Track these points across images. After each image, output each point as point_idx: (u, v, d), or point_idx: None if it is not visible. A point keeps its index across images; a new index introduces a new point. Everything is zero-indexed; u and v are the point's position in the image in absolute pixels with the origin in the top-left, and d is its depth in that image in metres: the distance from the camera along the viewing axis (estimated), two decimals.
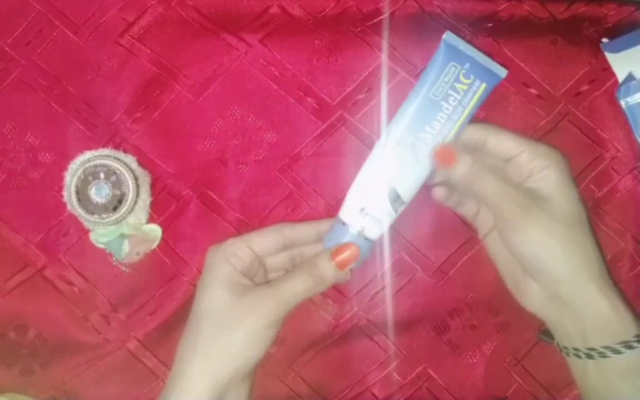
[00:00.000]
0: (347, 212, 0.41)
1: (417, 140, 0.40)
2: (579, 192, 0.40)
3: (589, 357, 0.38)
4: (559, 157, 0.40)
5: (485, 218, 0.44)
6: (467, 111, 0.41)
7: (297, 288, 0.39)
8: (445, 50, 0.40)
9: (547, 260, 0.39)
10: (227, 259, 0.40)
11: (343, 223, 0.41)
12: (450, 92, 0.40)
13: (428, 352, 0.48)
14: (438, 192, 0.43)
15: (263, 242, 0.41)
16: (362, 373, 0.48)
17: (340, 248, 0.40)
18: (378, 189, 0.41)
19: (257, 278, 0.42)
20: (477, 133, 0.41)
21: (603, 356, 0.38)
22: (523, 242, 0.39)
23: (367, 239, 0.41)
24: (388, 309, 0.48)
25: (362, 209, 0.41)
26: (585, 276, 0.38)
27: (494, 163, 0.42)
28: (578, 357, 0.39)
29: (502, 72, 0.41)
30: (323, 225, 0.43)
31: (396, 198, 0.41)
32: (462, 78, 0.40)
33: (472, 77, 0.40)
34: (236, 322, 0.38)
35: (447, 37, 0.41)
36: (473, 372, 0.48)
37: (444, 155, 0.40)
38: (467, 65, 0.40)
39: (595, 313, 0.38)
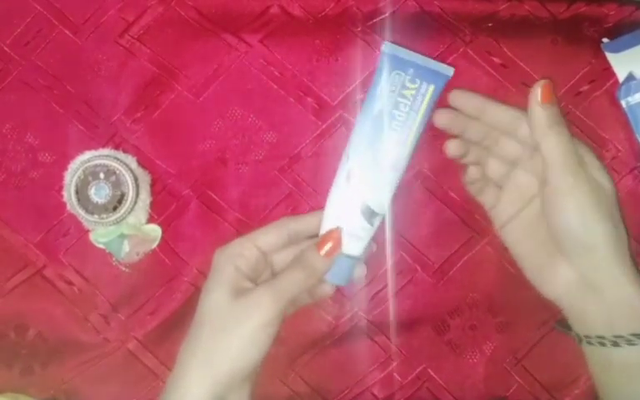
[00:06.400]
0: (325, 231, 0.41)
1: (377, 152, 0.40)
2: None
3: (615, 344, 0.37)
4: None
5: (503, 210, 0.43)
6: (420, 115, 0.40)
7: (290, 282, 0.40)
8: (386, 60, 0.40)
9: (593, 232, 0.38)
10: (233, 260, 0.40)
11: None
12: (399, 99, 0.40)
13: (428, 352, 0.48)
14: (452, 146, 0.42)
15: (268, 238, 0.42)
16: (362, 373, 0.48)
17: (323, 239, 0.41)
18: (352, 208, 0.41)
19: (264, 278, 0.43)
20: (475, 102, 0.42)
21: (631, 344, 0.37)
22: (575, 210, 0.38)
23: (348, 257, 0.41)
24: (388, 309, 0.48)
25: (339, 228, 0.41)
26: (619, 258, 0.38)
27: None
28: (603, 344, 0.38)
29: (449, 71, 0.41)
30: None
31: (371, 213, 0.41)
32: (408, 84, 0.40)
33: (418, 81, 0.40)
34: (234, 324, 0.38)
35: (386, 47, 0.41)
36: (473, 372, 0.48)
37: (548, 90, 0.39)
38: (411, 70, 0.40)
39: (623, 299, 0.38)
